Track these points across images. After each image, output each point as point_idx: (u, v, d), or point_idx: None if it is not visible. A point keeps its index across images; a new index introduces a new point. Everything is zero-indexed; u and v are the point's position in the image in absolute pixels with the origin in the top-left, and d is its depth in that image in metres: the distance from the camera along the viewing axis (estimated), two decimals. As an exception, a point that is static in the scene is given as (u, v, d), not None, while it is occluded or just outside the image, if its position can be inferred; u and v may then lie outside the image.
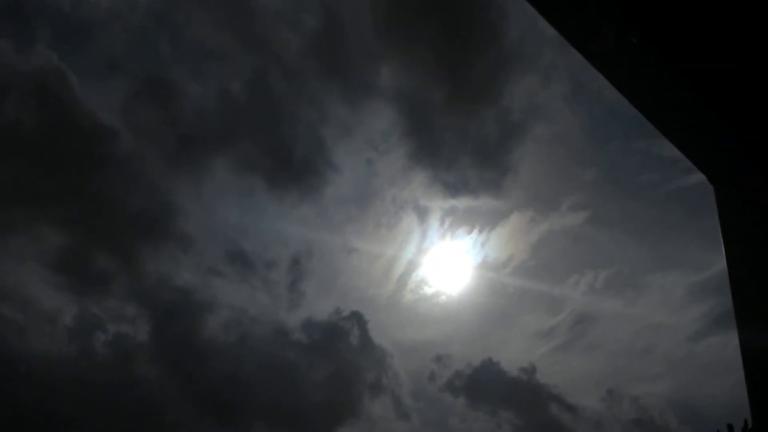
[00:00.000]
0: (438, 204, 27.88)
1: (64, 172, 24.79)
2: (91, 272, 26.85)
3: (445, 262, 28.70)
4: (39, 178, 24.55)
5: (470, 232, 28.04)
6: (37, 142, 24.35)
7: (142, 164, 26.44)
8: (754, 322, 2.08)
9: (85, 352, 26.19)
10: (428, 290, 28.59)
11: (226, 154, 28.20)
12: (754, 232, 2.21)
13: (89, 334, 26.82)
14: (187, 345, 27.21)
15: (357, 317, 28.36)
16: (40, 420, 22.00)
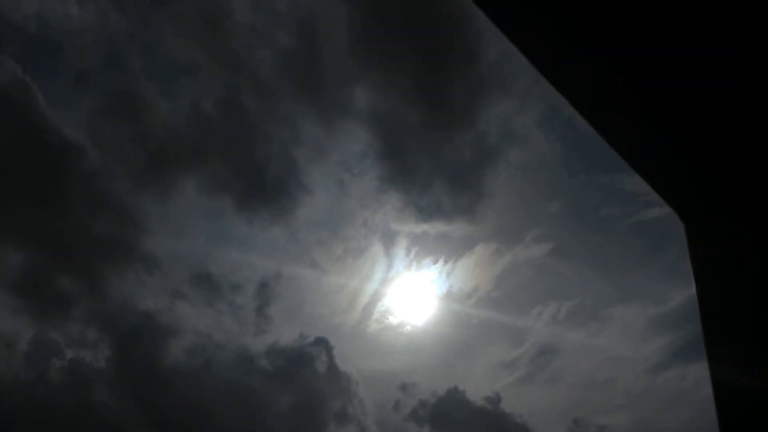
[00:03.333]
0: (410, 228, 27.92)
1: (26, 189, 24.23)
2: (51, 294, 26.14)
3: (410, 292, 28.72)
4: None
5: (436, 262, 28.11)
6: (-1, 157, 23.78)
7: (108, 182, 25.96)
8: (725, 355, 2.09)
9: (42, 377, 25.40)
10: (393, 320, 28.52)
11: (196, 173, 27.86)
12: (726, 265, 2.23)
13: (47, 358, 26.04)
14: (149, 370, 26.58)
15: (323, 343, 28.08)
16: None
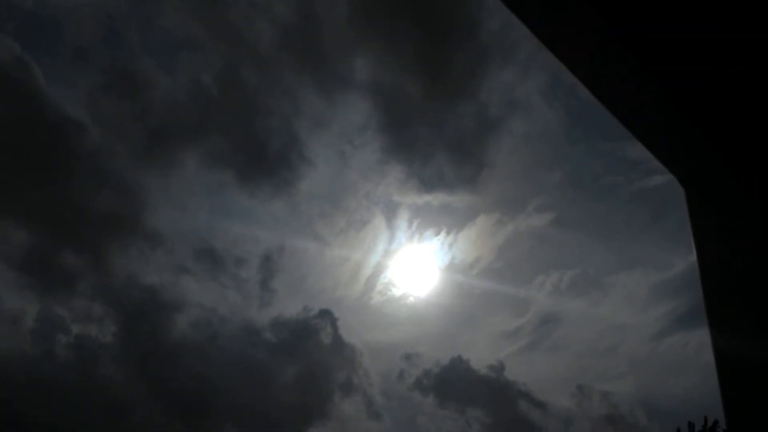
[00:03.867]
0: (412, 200, 27.92)
1: (28, 167, 24.21)
2: (55, 271, 26.28)
3: (412, 264, 28.84)
4: (1, 172, 23.93)
5: (438, 233, 28.16)
6: (-1, 135, 23.71)
7: (109, 158, 25.92)
8: (726, 322, 2.08)
9: (48, 354, 25.65)
10: (396, 292, 28.68)
11: (197, 147, 27.78)
12: (726, 233, 2.22)
13: (53, 334, 26.28)
14: (155, 345, 26.84)
15: (327, 315, 28.28)
16: (2, 424, 21.48)
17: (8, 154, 23.91)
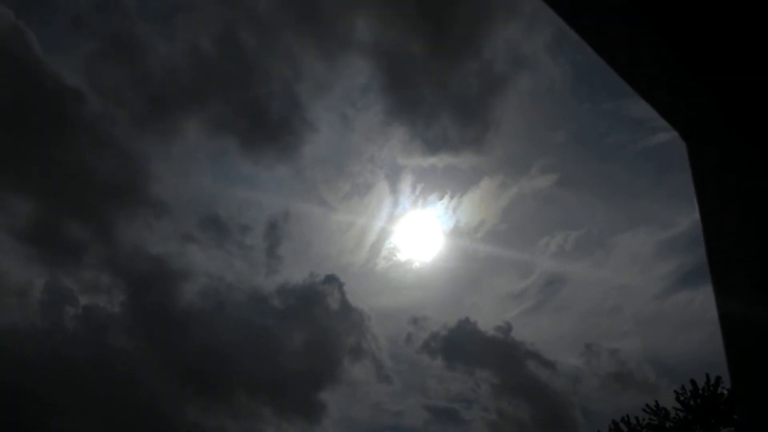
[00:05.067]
0: (417, 162, 27.79)
1: (28, 137, 24.03)
2: (62, 242, 26.32)
3: (417, 229, 28.90)
4: (2, 144, 23.78)
5: (441, 197, 28.13)
6: (-1, 106, 23.46)
7: (110, 127, 25.72)
8: (730, 279, 2.06)
9: (57, 325, 25.89)
10: (401, 257, 28.83)
11: (198, 114, 27.57)
12: (729, 189, 2.19)
13: (61, 306, 26.47)
14: (163, 314, 27.04)
15: (334, 280, 28.41)
16: (13, 398, 21.74)
17: (8, 124, 23.76)
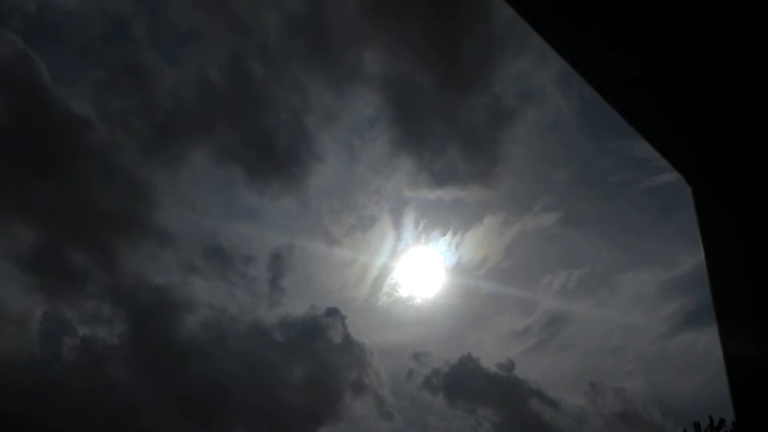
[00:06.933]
0: (423, 194, 27.77)
1: (34, 164, 24.17)
2: (63, 271, 26.25)
3: (419, 265, 28.81)
4: (7, 170, 23.92)
5: (444, 234, 28.08)
6: (4, 133, 23.68)
7: (116, 155, 25.84)
8: (735, 321, 2.07)
9: (56, 355, 25.68)
10: (403, 293, 28.65)
11: (204, 143, 27.64)
12: (734, 231, 2.20)
13: (61, 336, 26.30)
14: (164, 346, 26.84)
15: (336, 313, 28.23)
16: (10, 427, 21.50)
17: (14, 151, 23.93)
